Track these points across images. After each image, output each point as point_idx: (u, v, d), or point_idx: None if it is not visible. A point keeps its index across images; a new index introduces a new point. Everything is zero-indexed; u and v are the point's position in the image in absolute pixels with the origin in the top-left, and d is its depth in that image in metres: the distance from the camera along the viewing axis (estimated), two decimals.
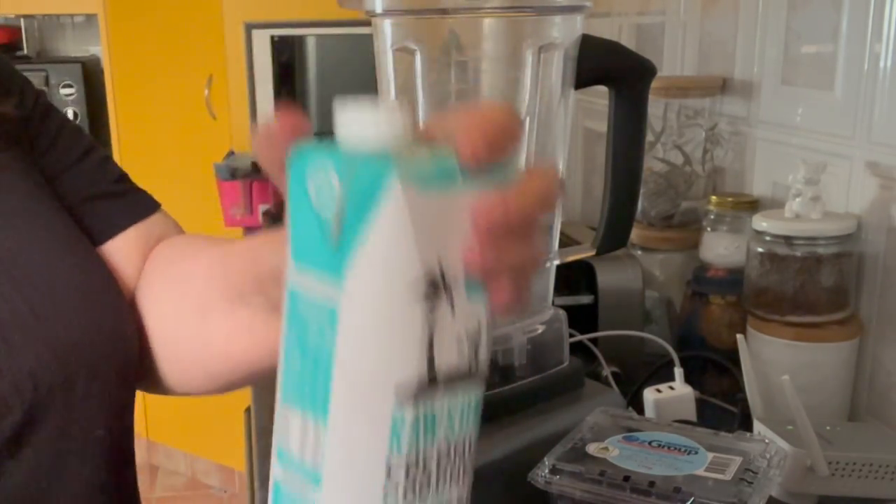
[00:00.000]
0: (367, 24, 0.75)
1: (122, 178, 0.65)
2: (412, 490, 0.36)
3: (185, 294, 0.58)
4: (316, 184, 0.36)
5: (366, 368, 0.36)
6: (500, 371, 0.80)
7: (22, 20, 2.93)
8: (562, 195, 0.38)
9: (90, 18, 2.89)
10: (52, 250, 0.55)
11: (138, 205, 0.64)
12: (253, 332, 0.54)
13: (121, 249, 0.62)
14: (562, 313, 0.84)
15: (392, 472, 0.36)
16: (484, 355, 0.38)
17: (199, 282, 0.57)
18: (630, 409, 0.90)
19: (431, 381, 0.36)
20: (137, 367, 0.58)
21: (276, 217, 1.91)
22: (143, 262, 0.62)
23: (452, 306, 0.36)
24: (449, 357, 0.36)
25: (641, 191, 0.98)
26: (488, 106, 0.37)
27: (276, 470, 0.40)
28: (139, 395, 0.61)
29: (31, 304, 0.52)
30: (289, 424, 0.38)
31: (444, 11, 0.72)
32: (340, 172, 0.35)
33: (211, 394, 0.62)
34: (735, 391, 1.00)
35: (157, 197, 0.67)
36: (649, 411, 0.91)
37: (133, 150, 2.73)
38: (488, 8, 0.73)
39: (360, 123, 0.36)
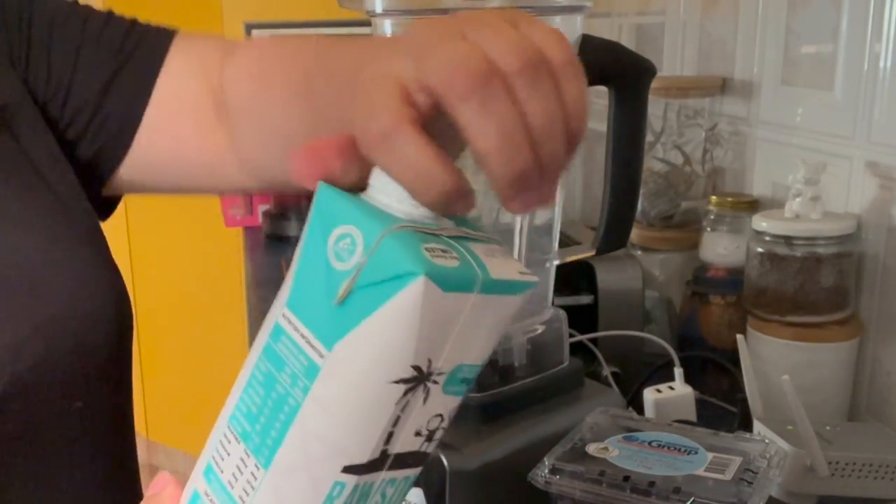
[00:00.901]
0: (367, 24, 0.75)
1: (127, 32, 0.64)
2: None
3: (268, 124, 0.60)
4: (339, 239, 0.35)
5: (324, 435, 0.35)
6: (500, 371, 0.80)
7: None
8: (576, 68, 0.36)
9: None
10: (31, 230, 0.54)
11: (154, 48, 0.64)
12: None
13: (171, 86, 0.62)
14: (562, 313, 0.84)
15: None
16: (434, 444, 0.38)
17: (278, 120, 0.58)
18: (630, 409, 0.90)
19: (380, 461, 0.36)
20: (130, 341, 0.58)
21: (276, 217, 1.91)
22: (204, 72, 0.63)
23: (426, 399, 0.36)
24: (404, 443, 0.36)
25: (641, 191, 0.98)
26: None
27: (199, 481, 0.40)
28: (139, 395, 0.61)
29: (7, 282, 0.51)
30: (228, 449, 0.38)
31: (444, 11, 0.72)
32: (368, 243, 0.34)
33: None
34: (735, 391, 1.00)
35: (157, 197, 0.67)
36: (649, 411, 0.91)
37: None
38: (488, 8, 0.72)
39: (397, 195, 0.36)
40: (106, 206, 0.68)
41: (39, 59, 0.60)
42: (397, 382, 0.34)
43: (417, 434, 0.36)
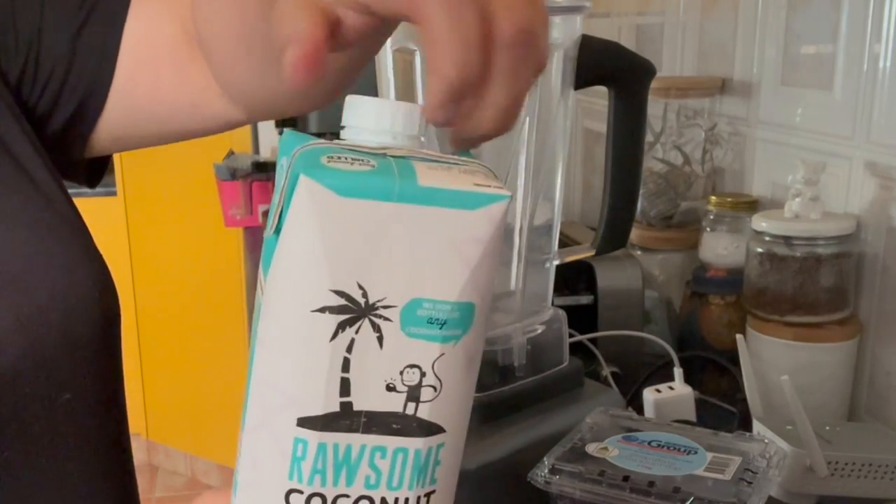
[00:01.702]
0: None
1: None
2: None
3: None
4: (280, 170, 0.33)
5: (274, 382, 0.33)
6: (500, 371, 0.80)
7: None
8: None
9: None
10: (13, 222, 0.54)
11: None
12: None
13: (139, 28, 0.62)
14: (561, 313, 0.84)
15: (291, 497, 0.33)
16: (431, 409, 0.33)
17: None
18: (630, 409, 0.90)
19: (343, 415, 0.33)
20: (118, 331, 0.58)
21: None
22: (173, 9, 0.62)
23: (380, 339, 0.32)
24: (371, 396, 0.33)
25: (641, 191, 0.98)
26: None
27: None
28: (139, 396, 0.61)
29: None
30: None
31: None
32: (288, 162, 0.32)
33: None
34: (734, 391, 1.00)
35: (157, 197, 0.67)
36: (649, 411, 0.91)
37: (133, 151, 2.72)
38: None
39: (359, 117, 0.34)
40: (93, 173, 0.68)
41: (6, 33, 0.60)
42: (322, 311, 0.31)
43: (390, 388, 0.33)
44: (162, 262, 2.87)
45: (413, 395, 0.33)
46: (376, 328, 0.32)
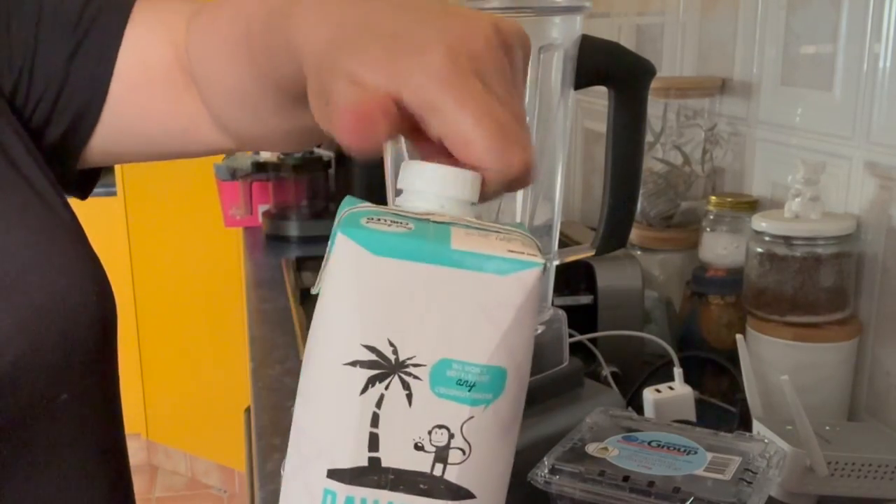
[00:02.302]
0: None
1: (86, 3, 0.63)
2: None
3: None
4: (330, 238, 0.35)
5: (308, 430, 0.34)
6: None
7: None
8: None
9: None
10: (12, 225, 0.54)
11: (113, 19, 0.63)
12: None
13: (135, 47, 0.62)
14: (561, 313, 0.84)
15: None
16: (459, 473, 0.33)
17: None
18: (629, 409, 0.90)
19: (371, 470, 0.33)
20: (114, 333, 0.58)
21: (275, 217, 1.91)
22: (168, 36, 0.62)
23: (409, 397, 0.33)
24: (399, 454, 0.33)
25: (641, 191, 0.98)
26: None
27: None
28: (138, 396, 0.61)
29: None
30: None
31: None
32: (336, 222, 0.34)
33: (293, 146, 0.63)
34: (734, 391, 1.00)
35: (157, 197, 0.67)
36: (649, 411, 0.91)
37: None
38: (488, 8, 0.73)
39: (411, 181, 0.35)
40: (85, 183, 0.68)
41: (1, 47, 0.60)
42: (353, 364, 0.33)
43: (418, 448, 0.33)
44: (162, 262, 2.87)
45: (441, 456, 0.33)
46: (406, 385, 0.33)
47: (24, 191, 0.56)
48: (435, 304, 0.33)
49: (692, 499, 0.64)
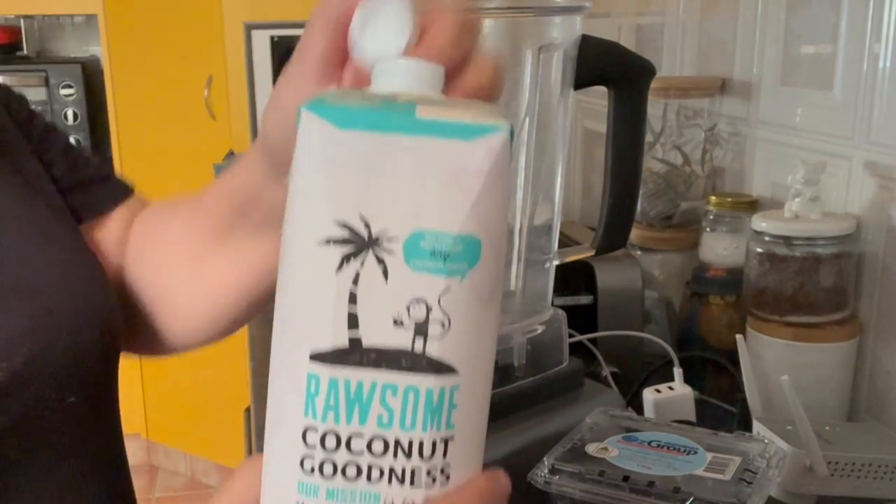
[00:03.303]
0: None
1: (104, 162, 0.68)
2: (331, 464, 0.33)
3: (174, 248, 0.62)
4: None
5: (289, 318, 0.34)
6: (499, 371, 0.80)
7: (22, 20, 2.93)
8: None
9: (90, 19, 2.89)
10: (30, 233, 0.57)
11: (119, 187, 0.67)
12: (244, 258, 0.58)
13: (106, 227, 0.64)
14: (561, 313, 0.84)
15: (308, 436, 0.33)
16: (440, 347, 0.33)
17: (184, 234, 0.61)
18: (629, 409, 0.90)
19: (352, 351, 0.33)
20: (119, 339, 0.60)
21: None
22: (126, 236, 0.65)
23: (385, 272, 0.32)
24: (379, 332, 0.33)
25: (641, 191, 0.98)
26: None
27: None
28: (138, 396, 0.62)
29: (6, 277, 0.53)
30: None
31: None
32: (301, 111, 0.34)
33: (217, 339, 0.64)
34: (734, 391, 1.00)
35: (157, 197, 0.68)
36: (649, 411, 0.91)
37: (133, 151, 2.73)
38: (488, 8, 0.73)
39: (382, 70, 0.35)
40: None
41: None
42: (326, 243, 0.32)
43: (397, 323, 0.33)
44: None
45: (420, 330, 0.33)
46: (380, 261, 0.32)
47: (37, 201, 0.60)
48: (404, 175, 0.32)
49: (692, 499, 0.64)
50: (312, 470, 0.33)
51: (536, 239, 0.82)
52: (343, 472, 0.33)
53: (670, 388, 0.93)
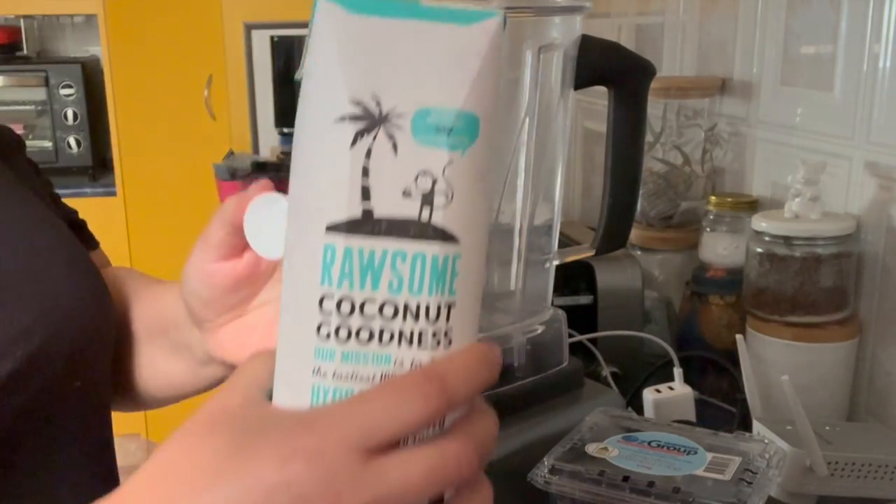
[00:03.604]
0: None
1: (75, 212, 0.74)
2: (346, 329, 0.36)
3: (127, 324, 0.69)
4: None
5: (302, 199, 0.37)
6: (499, 371, 0.80)
7: (22, 20, 2.93)
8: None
9: (90, 19, 2.89)
10: (40, 227, 0.61)
11: (91, 239, 0.73)
12: (156, 368, 0.66)
13: None
14: (561, 313, 0.84)
15: (324, 303, 0.36)
16: (444, 216, 0.36)
17: (125, 317, 0.68)
18: (629, 409, 0.90)
19: (365, 221, 0.36)
20: (113, 329, 0.64)
21: None
22: None
23: (395, 147, 0.35)
24: (389, 202, 0.35)
25: (641, 191, 0.98)
26: None
27: None
28: None
29: (21, 267, 0.56)
30: None
31: None
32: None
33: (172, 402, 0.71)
34: (734, 391, 1.00)
35: (157, 197, 0.70)
36: (649, 411, 0.91)
37: (133, 151, 2.73)
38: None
39: None
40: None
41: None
42: (342, 120, 0.35)
43: (406, 195, 0.35)
44: (162, 262, 2.87)
45: (427, 199, 0.36)
46: (390, 136, 0.35)
47: (41, 205, 0.64)
48: (411, 57, 0.35)
49: (692, 499, 0.64)
50: (328, 335, 0.36)
51: (536, 239, 0.82)
52: (357, 335, 0.36)
53: (670, 388, 0.93)
